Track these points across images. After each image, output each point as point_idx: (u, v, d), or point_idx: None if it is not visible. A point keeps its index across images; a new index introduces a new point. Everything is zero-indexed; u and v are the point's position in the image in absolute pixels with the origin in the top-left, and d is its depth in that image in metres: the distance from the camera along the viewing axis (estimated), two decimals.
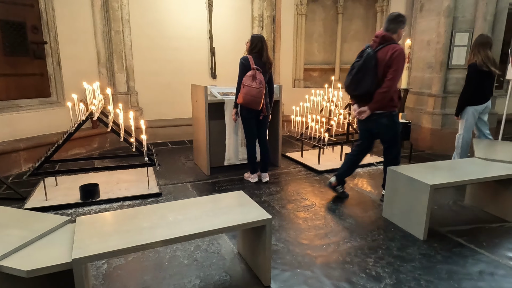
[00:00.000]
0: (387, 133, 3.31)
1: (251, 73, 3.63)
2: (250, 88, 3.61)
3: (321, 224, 3.07)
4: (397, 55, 3.02)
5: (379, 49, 3.11)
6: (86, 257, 1.65)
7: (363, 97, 3.20)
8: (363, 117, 3.27)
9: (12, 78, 4.60)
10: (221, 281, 2.24)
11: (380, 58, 3.08)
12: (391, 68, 3.04)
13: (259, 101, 3.69)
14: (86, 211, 3.26)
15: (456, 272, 2.34)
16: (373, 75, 3.08)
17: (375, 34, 3.22)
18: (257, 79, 3.63)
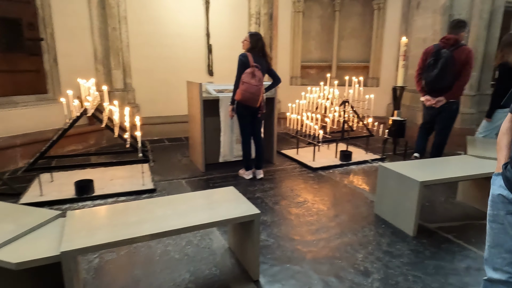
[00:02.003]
0: (450, 117, 4.09)
1: (250, 70, 3.65)
2: (249, 85, 3.63)
3: (313, 220, 3.09)
4: (472, 55, 3.85)
5: (453, 49, 3.79)
6: (74, 250, 1.67)
7: (441, 89, 3.89)
8: (438, 105, 3.98)
9: (8, 75, 4.62)
10: (210, 275, 2.27)
11: (457, 57, 3.78)
12: (468, 65, 3.81)
13: (257, 99, 3.71)
14: (81, 206, 3.29)
15: (443, 268, 2.37)
16: (453, 72, 3.80)
17: (445, 37, 3.91)
18: (256, 76, 3.65)
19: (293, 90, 6.71)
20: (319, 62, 7.29)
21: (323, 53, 7.25)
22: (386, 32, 6.63)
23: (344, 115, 4.99)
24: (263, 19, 6.51)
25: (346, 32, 7.09)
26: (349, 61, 7.11)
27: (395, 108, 5.15)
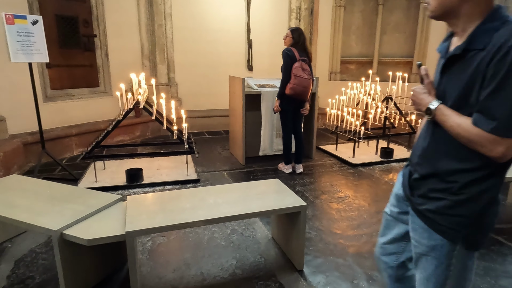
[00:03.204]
0: None
1: (299, 64, 3.69)
2: (301, 79, 3.69)
3: (354, 215, 3.10)
4: None
5: None
6: (137, 230, 1.82)
7: None
8: None
9: (65, 69, 4.98)
10: (256, 262, 2.36)
11: None
12: None
13: (308, 91, 3.79)
14: (132, 193, 3.51)
15: (494, 269, 2.30)
16: None
17: None
18: (305, 70, 3.71)
19: (332, 86, 6.66)
20: (359, 57, 7.16)
21: (363, 48, 7.11)
22: (433, 26, 6.38)
23: (386, 112, 4.89)
24: (303, 14, 6.50)
25: (389, 26, 6.90)
26: (391, 56, 6.92)
27: None
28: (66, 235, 1.81)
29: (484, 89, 0.96)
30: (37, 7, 4.43)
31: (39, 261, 2.33)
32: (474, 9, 1.02)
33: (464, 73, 1.02)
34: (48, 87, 4.72)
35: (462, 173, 1.07)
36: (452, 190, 1.08)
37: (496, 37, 0.95)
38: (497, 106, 0.94)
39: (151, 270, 2.27)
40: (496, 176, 1.07)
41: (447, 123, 1.06)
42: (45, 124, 4.50)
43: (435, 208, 1.12)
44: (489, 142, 0.96)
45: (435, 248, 1.14)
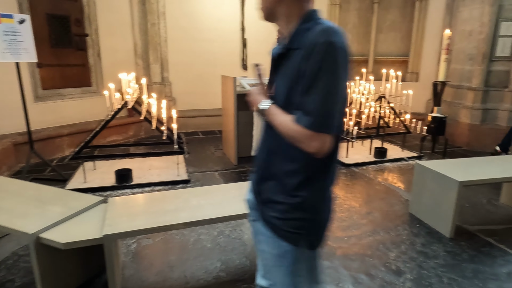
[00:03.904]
0: None
1: None
2: None
3: (344, 216, 3.06)
4: None
5: None
6: (115, 234, 1.79)
7: None
8: None
9: (57, 69, 4.94)
10: (241, 265, 2.33)
11: None
12: None
13: None
14: (120, 194, 3.47)
15: (482, 272, 2.27)
16: None
17: None
18: None
19: None
20: (355, 56, 7.10)
21: (359, 47, 7.06)
22: (428, 25, 6.33)
23: (380, 111, 4.84)
24: None
25: (384, 25, 6.85)
26: (387, 55, 6.88)
27: (435, 104, 4.93)
28: (42, 238, 1.78)
29: (300, 87, 0.99)
30: (27, 6, 4.39)
31: (21, 264, 2.30)
32: (290, 12, 1.08)
33: (288, 72, 1.05)
34: (39, 87, 4.68)
35: (294, 173, 1.07)
36: (288, 192, 1.08)
37: (307, 37, 0.99)
38: (311, 102, 0.97)
39: (134, 273, 2.24)
40: (324, 172, 1.09)
41: (275, 122, 1.07)
42: (37, 124, 4.48)
43: (277, 213, 1.11)
44: (306, 138, 0.98)
45: (283, 256, 1.13)
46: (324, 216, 1.15)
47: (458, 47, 5.54)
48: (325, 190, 1.13)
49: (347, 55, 0.99)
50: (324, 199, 1.13)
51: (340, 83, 0.97)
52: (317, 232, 1.14)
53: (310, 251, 1.15)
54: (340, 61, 0.96)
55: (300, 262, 1.14)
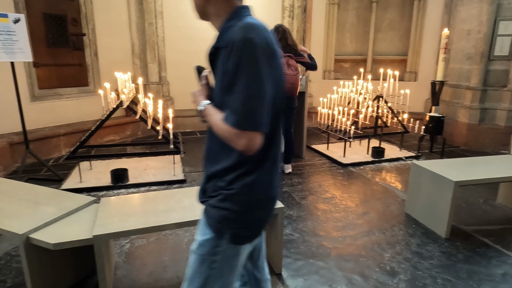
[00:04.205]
0: None
1: (284, 61, 3.64)
2: (288, 77, 3.65)
3: (340, 216, 3.05)
4: None
5: None
6: (105, 234, 1.78)
7: None
8: None
9: (53, 68, 4.93)
10: None
11: None
12: None
13: (296, 87, 3.75)
14: (116, 194, 3.46)
15: (477, 273, 2.25)
16: None
17: None
18: (291, 65, 3.67)
19: (326, 84, 6.60)
20: (354, 55, 7.09)
21: (358, 46, 7.04)
22: (427, 24, 6.31)
23: (378, 111, 4.83)
24: (296, 12, 6.43)
25: (383, 24, 6.83)
26: (385, 54, 6.86)
27: (434, 104, 4.91)
28: (32, 239, 1.77)
29: (225, 85, 0.99)
30: (24, 6, 4.37)
31: (13, 264, 2.29)
32: (219, 10, 1.09)
33: (218, 71, 1.05)
34: (35, 87, 4.67)
35: (229, 170, 1.07)
36: (224, 186, 1.09)
37: (229, 35, 0.99)
38: (233, 101, 0.96)
39: (127, 273, 2.22)
40: (259, 170, 1.08)
41: (210, 122, 1.08)
42: (33, 123, 4.48)
43: (212, 202, 1.12)
44: (233, 136, 0.98)
45: (203, 244, 1.13)
46: (255, 214, 1.12)
47: (457, 46, 5.51)
48: (259, 188, 1.10)
49: (267, 50, 0.97)
50: (257, 196, 1.10)
51: (263, 80, 0.96)
52: (242, 228, 1.12)
53: (233, 247, 1.12)
54: (259, 57, 0.95)
55: (217, 255, 1.12)
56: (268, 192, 1.13)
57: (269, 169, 1.10)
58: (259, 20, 1.08)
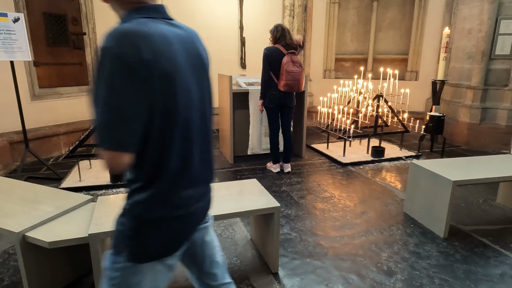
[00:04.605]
0: None
1: (288, 58, 3.65)
2: (294, 74, 3.67)
3: (338, 216, 3.04)
4: None
5: None
6: (101, 233, 1.78)
7: None
8: None
9: (54, 67, 4.94)
10: (231, 265, 2.31)
11: None
12: None
13: (301, 82, 3.78)
14: (115, 192, 3.47)
15: (475, 273, 2.24)
16: None
17: None
18: (295, 62, 3.69)
19: (326, 83, 6.58)
20: (354, 54, 7.07)
21: (359, 45, 7.02)
22: (428, 23, 6.28)
23: (378, 110, 4.81)
24: (297, 11, 6.42)
25: (384, 23, 6.80)
26: (386, 54, 6.83)
27: (434, 103, 4.88)
28: (28, 237, 1.77)
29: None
30: (24, 5, 4.38)
31: (11, 262, 2.30)
32: (115, 9, 1.01)
33: None
34: (36, 86, 4.68)
35: (129, 183, 1.02)
36: (125, 200, 1.03)
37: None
38: (95, 115, 0.87)
39: None
40: (149, 189, 0.98)
41: None
42: (33, 122, 4.49)
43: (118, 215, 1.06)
44: (99, 152, 0.90)
45: (106, 258, 1.06)
46: (150, 234, 1.02)
47: (458, 45, 5.49)
48: (153, 207, 1.00)
49: (132, 61, 0.84)
50: (150, 215, 1.00)
51: (122, 95, 0.84)
52: (138, 246, 1.02)
53: (131, 265, 1.02)
54: (115, 70, 0.83)
55: (117, 271, 1.04)
56: (167, 212, 1.02)
57: (166, 188, 1.00)
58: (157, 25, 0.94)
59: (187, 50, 1.02)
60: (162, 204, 1.01)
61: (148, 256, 1.04)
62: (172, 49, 0.94)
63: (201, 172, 1.11)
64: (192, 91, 1.02)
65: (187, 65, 1.00)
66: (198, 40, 1.13)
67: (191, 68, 1.03)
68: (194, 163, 1.07)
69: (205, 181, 1.17)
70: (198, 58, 1.08)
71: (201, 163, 1.10)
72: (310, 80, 6.76)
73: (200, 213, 1.16)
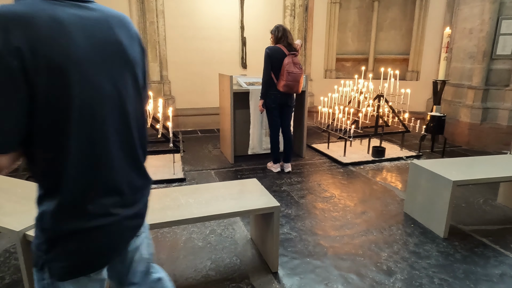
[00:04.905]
0: None
1: (289, 59, 3.66)
2: (294, 75, 3.68)
3: (338, 215, 3.04)
4: None
5: None
6: None
7: None
8: None
9: None
10: (231, 264, 2.32)
11: None
12: None
13: (300, 84, 3.79)
14: None
15: (475, 273, 2.24)
16: None
17: None
18: (296, 64, 3.70)
19: (327, 83, 6.58)
20: (355, 54, 7.07)
21: (360, 45, 7.02)
22: (429, 23, 6.27)
23: (378, 110, 4.81)
24: (298, 11, 6.42)
25: (385, 23, 6.80)
26: (387, 54, 6.83)
27: (435, 103, 4.88)
28: (29, 236, 1.78)
29: None
30: None
31: (12, 261, 2.31)
32: None
33: None
34: None
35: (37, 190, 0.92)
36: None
37: None
38: None
39: None
40: (54, 198, 0.87)
41: None
42: None
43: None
44: None
45: (33, 273, 0.96)
46: (65, 246, 0.90)
47: (459, 45, 5.48)
48: (61, 218, 0.88)
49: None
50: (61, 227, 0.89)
51: None
52: (56, 260, 0.91)
53: (55, 282, 0.93)
54: None
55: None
56: (80, 224, 0.90)
57: (72, 197, 0.88)
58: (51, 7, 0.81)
59: (96, 37, 0.87)
60: (71, 215, 0.89)
61: (69, 272, 0.93)
62: (64, 36, 0.81)
63: (126, 178, 0.98)
64: (102, 86, 0.88)
65: (94, 55, 0.86)
66: (122, 26, 0.95)
67: (102, 59, 0.88)
68: (112, 168, 0.94)
69: (134, 188, 1.03)
70: (115, 47, 0.91)
71: (126, 168, 0.98)
72: (311, 80, 6.76)
73: (128, 223, 1.02)
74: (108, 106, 0.90)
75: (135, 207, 1.04)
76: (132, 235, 1.07)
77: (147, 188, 1.11)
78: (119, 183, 0.97)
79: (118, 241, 1.01)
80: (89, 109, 0.86)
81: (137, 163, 1.04)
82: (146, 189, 1.11)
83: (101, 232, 0.94)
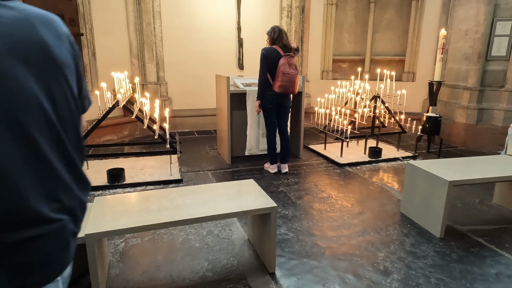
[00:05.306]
0: None
1: (285, 60, 3.67)
2: (290, 76, 3.69)
3: (335, 216, 3.05)
4: None
5: None
6: (97, 233, 1.78)
7: None
8: None
9: None
10: (228, 265, 2.31)
11: None
12: None
13: (296, 84, 3.79)
14: (112, 193, 3.46)
15: (471, 272, 2.25)
16: None
17: None
18: (292, 64, 3.71)
19: (324, 84, 6.60)
20: (352, 55, 7.09)
21: (356, 46, 7.05)
22: (425, 24, 6.31)
23: (375, 111, 4.83)
24: (294, 12, 6.44)
25: (381, 24, 6.83)
26: (383, 55, 6.86)
27: (431, 104, 4.91)
28: None
29: None
30: None
31: None
32: None
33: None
34: None
35: None
36: None
37: None
38: None
39: (120, 272, 2.23)
40: None
41: None
42: None
43: None
44: None
45: None
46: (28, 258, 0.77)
47: (454, 46, 5.51)
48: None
49: None
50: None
51: None
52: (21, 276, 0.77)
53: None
54: None
55: None
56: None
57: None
58: None
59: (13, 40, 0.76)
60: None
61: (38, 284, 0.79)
62: None
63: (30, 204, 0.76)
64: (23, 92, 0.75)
65: (11, 58, 0.74)
66: (48, 25, 0.84)
67: (22, 63, 0.76)
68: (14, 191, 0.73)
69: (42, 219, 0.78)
70: (38, 50, 0.79)
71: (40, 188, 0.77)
72: (307, 81, 6.77)
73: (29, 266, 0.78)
74: (32, 114, 0.77)
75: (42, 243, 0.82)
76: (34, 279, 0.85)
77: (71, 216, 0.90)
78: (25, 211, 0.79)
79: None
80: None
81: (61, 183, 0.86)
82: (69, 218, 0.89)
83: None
